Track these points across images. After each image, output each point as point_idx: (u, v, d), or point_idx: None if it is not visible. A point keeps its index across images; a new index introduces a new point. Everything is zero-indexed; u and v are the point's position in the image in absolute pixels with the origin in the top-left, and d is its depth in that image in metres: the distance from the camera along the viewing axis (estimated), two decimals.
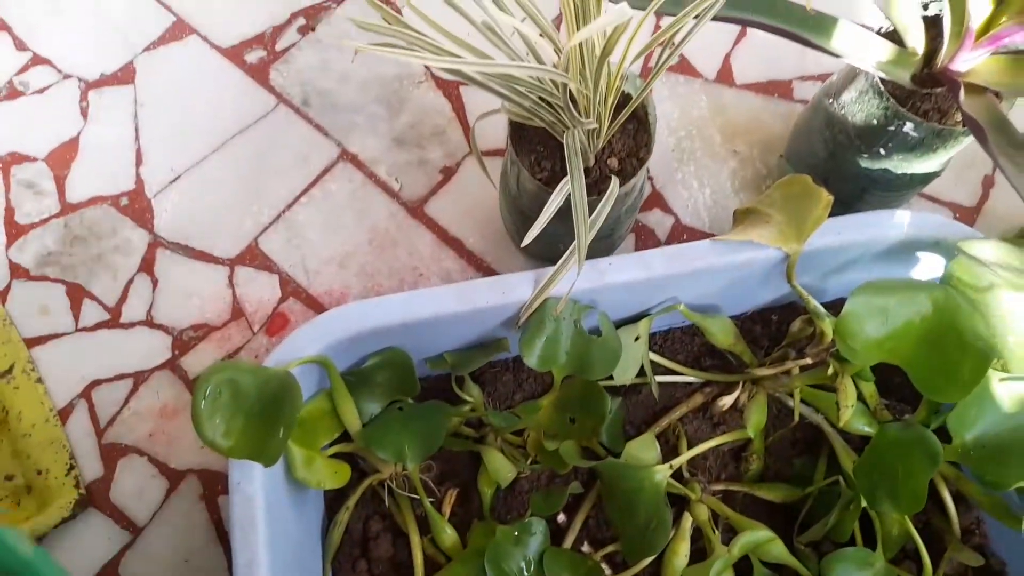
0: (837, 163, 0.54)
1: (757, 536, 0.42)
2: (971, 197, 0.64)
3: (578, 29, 0.39)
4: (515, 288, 0.46)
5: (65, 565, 0.53)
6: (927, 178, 0.54)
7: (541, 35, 0.40)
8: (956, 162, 0.65)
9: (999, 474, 0.42)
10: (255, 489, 0.40)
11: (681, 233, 0.62)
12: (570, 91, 0.41)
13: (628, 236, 0.62)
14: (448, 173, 0.63)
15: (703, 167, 0.64)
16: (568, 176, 0.39)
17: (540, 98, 0.43)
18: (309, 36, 0.68)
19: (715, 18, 0.42)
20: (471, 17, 0.41)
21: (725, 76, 0.67)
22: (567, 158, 0.38)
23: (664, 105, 0.66)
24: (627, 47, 0.40)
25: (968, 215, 0.64)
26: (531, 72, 0.37)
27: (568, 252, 0.42)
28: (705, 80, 0.67)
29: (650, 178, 0.64)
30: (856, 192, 0.56)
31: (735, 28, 0.69)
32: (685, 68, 0.67)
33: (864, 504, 0.45)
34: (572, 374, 0.47)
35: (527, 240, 0.42)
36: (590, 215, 0.43)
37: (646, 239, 0.62)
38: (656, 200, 0.63)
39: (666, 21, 0.42)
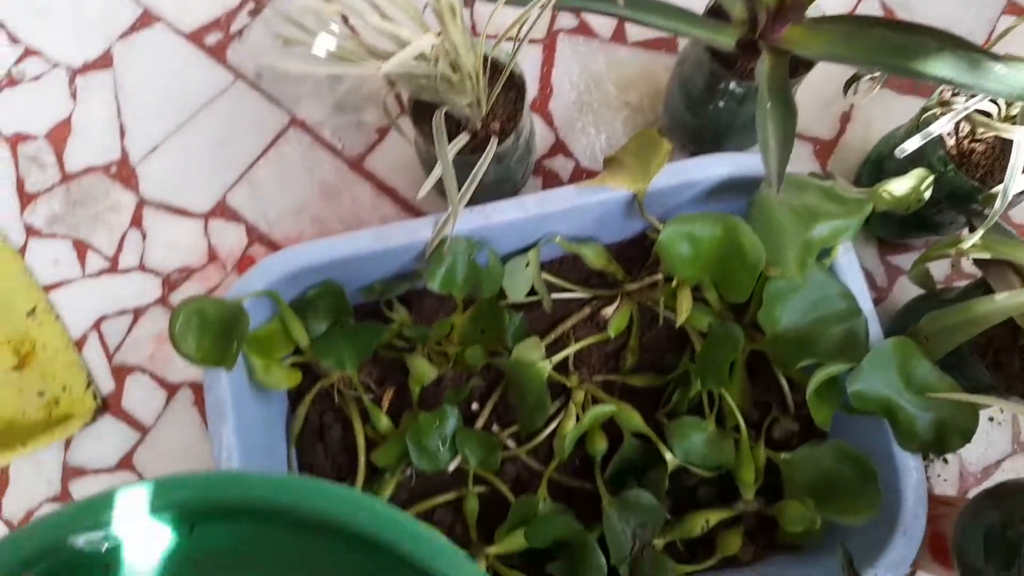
0: (695, 114, 0.66)
1: (604, 408, 0.56)
2: (831, 131, 0.76)
3: (446, 25, 0.50)
4: (419, 231, 0.58)
5: (91, 458, 0.67)
6: None
7: (424, 31, 0.52)
8: (817, 100, 0.76)
9: (791, 357, 0.55)
10: (223, 388, 0.54)
11: (581, 174, 0.74)
12: (444, 75, 0.53)
13: (534, 180, 0.74)
14: (382, 132, 0.75)
15: (600, 117, 0.76)
16: (437, 145, 0.51)
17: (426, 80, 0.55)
18: (258, 17, 0.78)
19: (558, 7, 0.53)
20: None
21: (619, 36, 0.77)
22: (434, 134, 0.50)
23: (566, 63, 0.77)
24: (482, 37, 0.51)
25: (828, 147, 0.75)
26: (407, 69, 0.48)
27: (449, 209, 0.54)
28: (602, 40, 0.78)
29: (555, 128, 0.75)
30: (718, 134, 0.68)
31: None
32: (585, 30, 0.78)
33: (699, 384, 0.59)
34: (468, 294, 0.60)
35: (420, 194, 0.54)
36: (474, 169, 0.55)
37: (550, 181, 0.74)
38: (560, 147, 0.75)
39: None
